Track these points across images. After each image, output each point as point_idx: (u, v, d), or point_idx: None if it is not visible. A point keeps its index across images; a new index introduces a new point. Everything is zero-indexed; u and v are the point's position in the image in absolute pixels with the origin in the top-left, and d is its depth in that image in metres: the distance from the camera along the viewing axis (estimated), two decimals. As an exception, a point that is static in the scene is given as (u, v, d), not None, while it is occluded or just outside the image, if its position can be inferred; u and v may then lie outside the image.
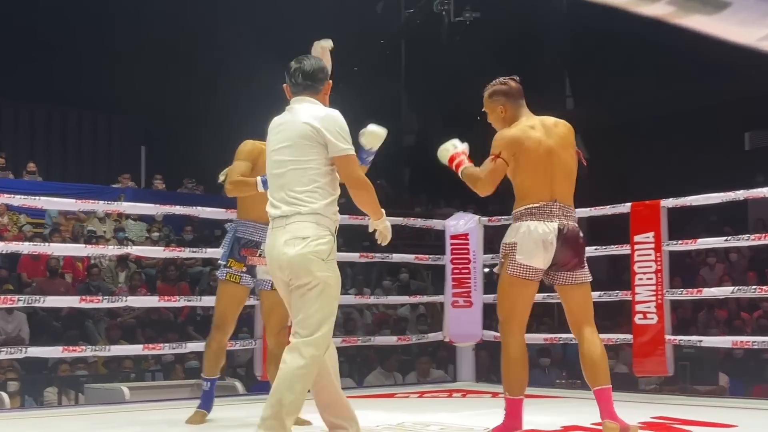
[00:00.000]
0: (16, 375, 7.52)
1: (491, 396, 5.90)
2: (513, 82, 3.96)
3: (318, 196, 3.31)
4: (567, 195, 3.81)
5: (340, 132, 3.36)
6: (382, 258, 7.16)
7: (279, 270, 3.32)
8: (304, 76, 3.49)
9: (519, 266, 3.75)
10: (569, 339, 6.68)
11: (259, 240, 4.27)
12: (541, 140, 3.79)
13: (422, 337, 7.28)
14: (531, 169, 3.77)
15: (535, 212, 3.75)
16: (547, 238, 3.71)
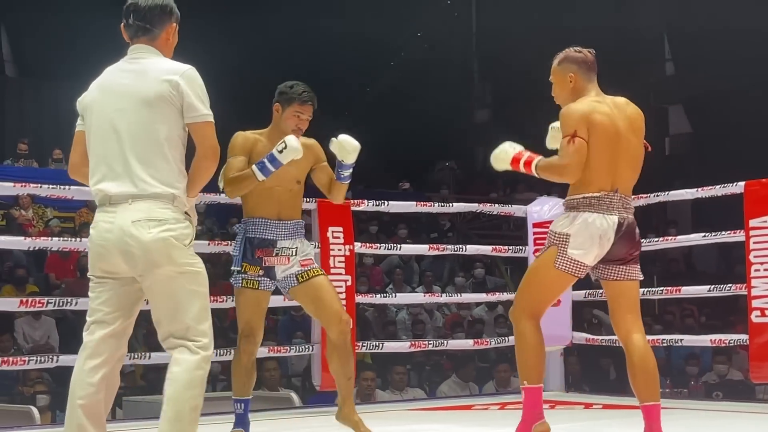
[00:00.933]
0: (46, 387, 7.68)
1: (584, 407, 5.87)
2: (587, 52, 3.99)
3: (174, 173, 3.16)
4: (629, 185, 3.86)
5: (200, 94, 3.18)
6: (455, 251, 7.16)
7: (122, 259, 3.14)
8: (137, 15, 3.27)
9: (570, 261, 3.80)
10: (674, 340, 6.62)
11: (273, 238, 4.35)
12: (611, 121, 3.81)
13: (502, 340, 7.26)
14: (596, 151, 3.78)
15: (594, 203, 3.78)
16: (606, 233, 3.75)
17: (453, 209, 8.31)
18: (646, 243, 6.96)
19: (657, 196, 6.43)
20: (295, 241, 4.38)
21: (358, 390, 7.24)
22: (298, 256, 4.36)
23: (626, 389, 9.10)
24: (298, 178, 4.40)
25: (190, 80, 3.17)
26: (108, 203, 3.17)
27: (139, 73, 3.20)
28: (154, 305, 3.20)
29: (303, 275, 4.33)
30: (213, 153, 3.20)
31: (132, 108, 3.16)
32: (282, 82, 4.38)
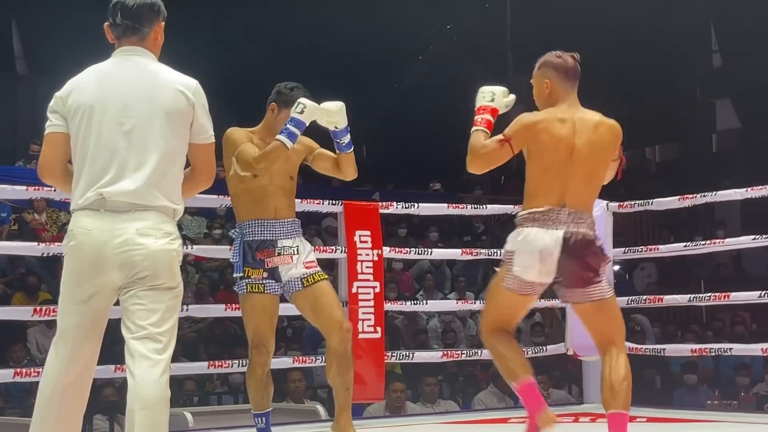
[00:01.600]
0: (61, 399, 7.72)
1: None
2: (569, 57, 4.05)
3: (177, 189, 3.25)
4: (581, 201, 3.88)
5: (208, 113, 3.29)
6: (489, 255, 7.15)
7: (118, 269, 3.14)
8: (125, 13, 3.29)
9: (513, 279, 3.86)
10: (722, 349, 6.58)
11: (272, 237, 4.39)
12: (564, 138, 3.86)
13: (540, 350, 7.24)
14: (541, 166, 3.87)
15: (539, 218, 3.82)
16: (547, 248, 3.78)
17: (487, 211, 8.29)
18: (693, 246, 6.94)
19: (704, 196, 6.38)
20: (295, 239, 4.43)
21: (387, 402, 7.25)
22: (301, 256, 4.40)
23: (673, 401, 9.10)
24: (291, 173, 4.47)
25: (201, 98, 3.26)
26: (104, 208, 3.17)
27: (153, 80, 3.23)
28: (134, 313, 3.21)
29: (308, 279, 4.40)
30: (209, 177, 3.33)
31: (147, 115, 3.18)
32: (308, 77, 4.43)
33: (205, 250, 7.40)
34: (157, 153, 3.16)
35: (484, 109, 4.07)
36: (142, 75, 3.24)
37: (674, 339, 10.37)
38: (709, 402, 8.63)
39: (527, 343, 10.20)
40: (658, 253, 7.30)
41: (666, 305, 7.58)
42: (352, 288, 6.03)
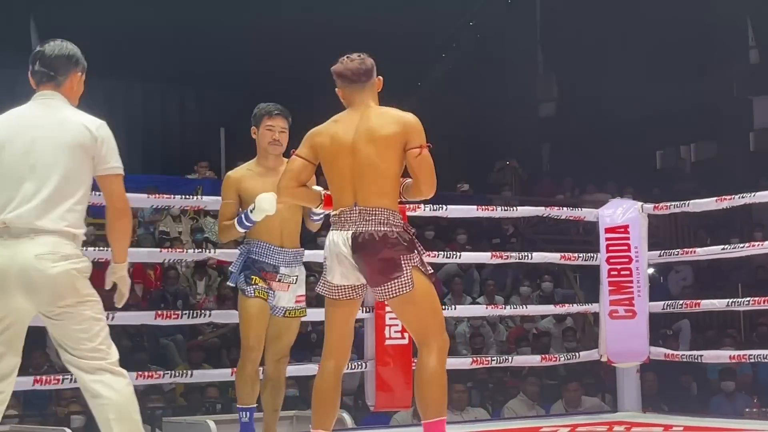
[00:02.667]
0: (82, 407, 7.76)
1: (663, 429, 5.82)
2: (352, 61, 4.14)
3: (79, 217, 3.56)
4: (371, 196, 3.97)
5: (113, 147, 3.64)
6: (519, 258, 7.14)
7: (24, 294, 3.42)
8: (43, 62, 3.66)
9: (323, 283, 4.08)
10: (762, 356, 6.54)
11: (275, 264, 4.89)
12: (339, 137, 4.03)
13: (572, 356, 7.22)
14: (329, 171, 4.09)
15: (335, 221, 4.04)
16: (341, 250, 3.97)
17: (517, 213, 8.27)
18: (731, 249, 6.90)
19: (742, 197, 6.34)
20: (294, 269, 4.93)
21: (415, 410, 7.23)
22: (296, 286, 4.93)
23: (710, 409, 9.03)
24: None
25: (105, 133, 3.62)
26: (7, 235, 3.45)
27: (61, 119, 3.60)
28: (60, 332, 3.53)
29: (290, 313, 4.94)
30: (123, 208, 3.66)
31: (51, 149, 3.52)
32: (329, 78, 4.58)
33: (228, 254, 7.39)
34: (57, 183, 3.49)
35: None
36: (51, 115, 3.61)
37: (712, 345, 10.30)
38: (747, 410, 8.57)
39: (559, 348, 10.18)
40: (694, 256, 7.26)
41: (703, 310, 7.54)
42: (379, 293, 6.04)
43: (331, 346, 4.09)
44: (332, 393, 4.08)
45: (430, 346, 3.97)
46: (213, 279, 10.84)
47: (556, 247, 11.61)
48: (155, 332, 9.48)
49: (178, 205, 10.26)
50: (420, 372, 3.97)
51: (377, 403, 6.10)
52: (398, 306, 4.01)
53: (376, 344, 6.07)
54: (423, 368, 3.95)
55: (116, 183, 3.64)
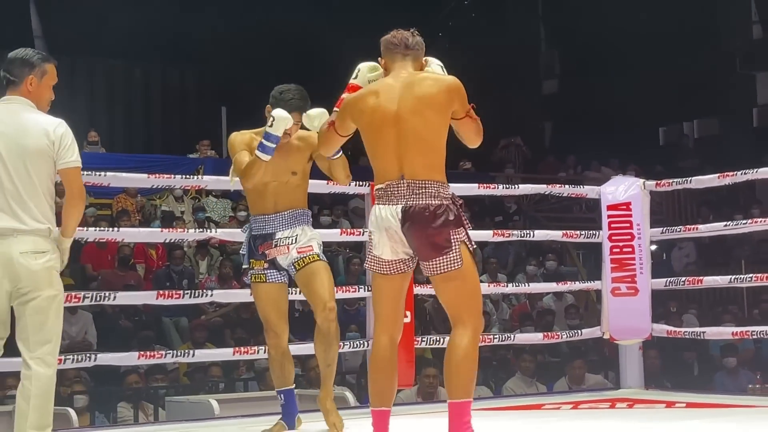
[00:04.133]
0: (84, 387, 7.79)
1: (665, 406, 5.83)
2: (401, 31, 4.12)
3: (48, 211, 3.95)
4: (418, 169, 3.89)
5: (69, 144, 4.01)
6: (521, 236, 7.13)
7: (8, 278, 3.90)
8: (5, 67, 4.02)
9: (372, 258, 3.99)
10: (765, 332, 6.55)
11: (272, 231, 4.82)
12: (379, 107, 3.92)
13: (575, 333, 7.23)
14: (370, 141, 3.98)
15: (381, 195, 3.94)
16: (391, 225, 3.89)
17: (519, 191, 8.28)
18: (734, 225, 6.90)
19: (744, 173, 6.33)
20: (294, 229, 4.82)
21: (419, 388, 7.26)
22: (297, 244, 4.79)
23: (712, 386, 9.04)
24: (293, 169, 4.82)
25: (61, 132, 3.99)
26: None
27: (20, 124, 3.97)
28: (28, 323, 3.95)
29: (299, 262, 4.78)
30: (80, 195, 4.04)
31: (15, 156, 3.93)
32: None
33: (230, 233, 7.41)
34: (29, 186, 3.94)
35: (347, 88, 4.17)
36: (13, 120, 3.98)
37: (714, 321, 10.32)
38: (750, 386, 8.59)
39: (561, 326, 10.19)
40: (697, 232, 7.26)
41: (706, 287, 7.55)
42: (381, 271, 6.04)
43: (384, 320, 3.99)
44: (390, 368, 3.99)
45: (466, 326, 3.90)
46: (215, 258, 10.85)
47: (559, 224, 11.62)
48: (159, 312, 9.51)
49: (180, 185, 10.29)
50: (453, 351, 3.88)
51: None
52: (442, 282, 3.92)
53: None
54: (456, 348, 3.87)
55: (72, 174, 4.01)
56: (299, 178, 4.85)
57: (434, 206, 3.85)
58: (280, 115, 4.60)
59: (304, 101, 4.72)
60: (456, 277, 3.88)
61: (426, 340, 6.42)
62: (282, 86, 4.81)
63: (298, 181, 4.85)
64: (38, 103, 4.07)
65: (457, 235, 3.87)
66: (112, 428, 6.53)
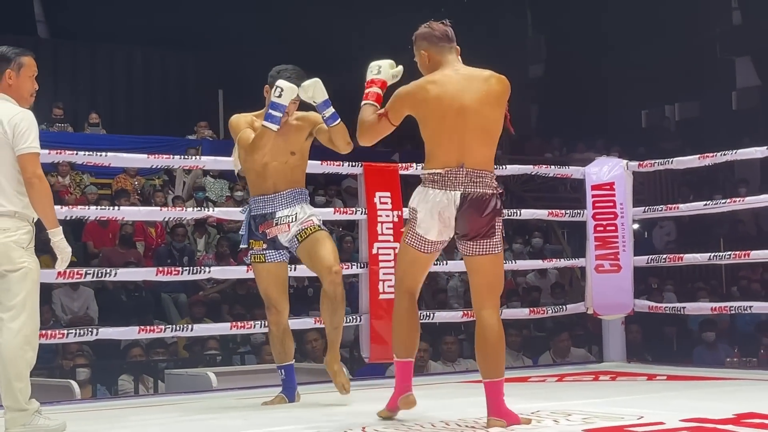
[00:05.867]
0: (87, 360, 7.79)
1: (646, 378, 5.85)
2: (438, 24, 4.16)
3: (11, 195, 4.07)
4: (479, 159, 3.97)
5: (25, 132, 4.05)
6: (509, 215, 7.12)
7: None
8: None
9: (415, 236, 4.04)
10: (742, 307, 6.57)
11: (272, 211, 4.80)
12: (447, 97, 3.96)
13: (560, 309, 7.24)
14: (434, 129, 4.00)
15: (437, 179, 3.96)
16: (447, 209, 3.94)
17: (506, 171, 8.26)
18: (713, 205, 6.91)
19: (724, 155, 6.34)
20: (294, 208, 4.81)
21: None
22: (297, 222, 4.77)
23: (692, 359, 9.06)
24: (292, 149, 4.82)
25: (17, 122, 4.06)
26: None
27: None
28: None
29: (302, 234, 4.75)
30: (36, 180, 4.07)
31: None
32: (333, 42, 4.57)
33: (227, 212, 7.41)
34: None
35: (373, 83, 4.20)
36: None
37: (691, 296, 10.35)
38: (728, 359, 8.62)
39: (547, 301, 10.20)
40: (678, 212, 7.27)
41: (686, 264, 7.57)
42: (373, 249, 6.06)
43: (408, 285, 4.12)
44: (413, 321, 4.14)
45: (494, 307, 3.99)
46: (212, 237, 10.84)
47: (545, 204, 11.60)
48: (159, 288, 9.50)
49: (178, 165, 10.27)
50: (486, 332, 3.94)
51: (372, 355, 6.13)
52: (479, 262, 3.97)
53: (371, 299, 6.08)
54: (489, 329, 3.94)
55: (25, 160, 4.06)
56: (298, 158, 4.85)
57: (488, 195, 3.95)
58: (287, 85, 4.61)
59: (301, 79, 4.71)
60: (492, 261, 3.99)
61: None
62: (279, 66, 4.81)
63: (297, 161, 4.85)
64: (19, 95, 4.17)
65: (499, 223, 3.99)
66: (114, 400, 6.53)
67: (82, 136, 12.64)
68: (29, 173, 4.06)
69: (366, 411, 4.49)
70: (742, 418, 4.04)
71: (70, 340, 5.69)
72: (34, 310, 4.10)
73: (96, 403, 5.77)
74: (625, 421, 4.01)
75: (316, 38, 14.56)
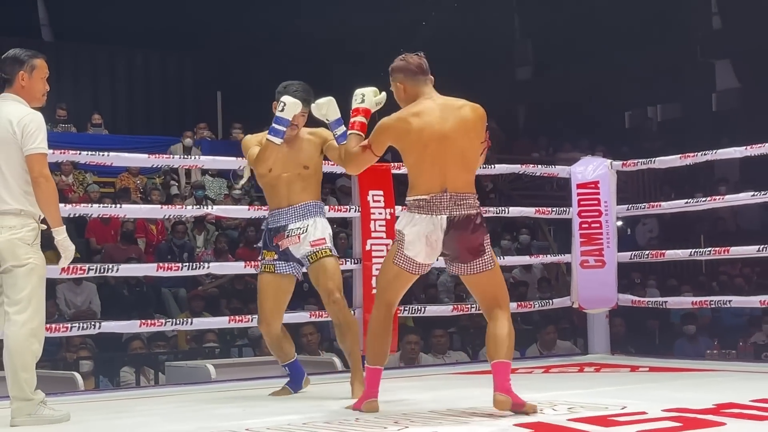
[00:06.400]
0: (90, 353, 7.78)
1: (630, 370, 5.86)
2: (413, 57, 4.20)
3: (18, 194, 4.08)
4: (461, 184, 4.04)
5: (33, 132, 4.07)
6: (497, 213, 7.15)
7: None
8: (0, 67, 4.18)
9: (405, 258, 4.06)
10: (722, 301, 6.59)
11: (285, 224, 4.82)
12: (426, 126, 4.01)
13: (546, 303, 7.25)
14: (416, 158, 4.05)
15: (423, 205, 4.00)
16: (433, 232, 3.98)
17: (495, 171, 8.27)
18: (694, 202, 6.92)
19: (704, 155, 6.35)
20: (306, 221, 4.82)
21: (402, 354, 7.28)
22: (308, 235, 4.79)
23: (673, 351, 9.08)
24: (305, 163, 4.83)
25: (26, 122, 4.07)
26: None
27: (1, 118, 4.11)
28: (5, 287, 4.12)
29: (312, 256, 4.80)
30: (43, 179, 4.09)
31: None
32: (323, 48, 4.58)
33: (225, 210, 7.42)
34: (4, 171, 4.09)
35: (356, 112, 4.24)
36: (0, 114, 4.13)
37: (673, 291, 10.37)
38: (708, 352, 8.64)
39: (534, 296, 10.21)
40: (660, 209, 7.29)
41: (667, 259, 7.58)
42: (366, 245, 6.06)
43: (388, 298, 4.14)
44: (387, 332, 4.18)
45: (504, 310, 4.08)
46: (211, 233, 10.84)
47: (532, 202, 11.62)
48: (159, 283, 9.50)
49: (178, 164, 10.27)
50: (499, 330, 4.02)
51: (365, 347, 6.11)
52: (477, 279, 4.06)
53: (364, 293, 6.08)
54: (501, 328, 4.02)
55: (32, 160, 4.07)
56: (311, 171, 4.87)
57: (473, 215, 4.01)
58: (289, 100, 4.62)
59: (307, 94, 4.75)
60: (489, 275, 4.06)
61: (408, 310, 6.43)
62: (286, 82, 4.83)
63: (311, 174, 4.87)
64: (32, 96, 4.19)
65: (486, 239, 4.05)
66: (116, 391, 6.53)
67: (85, 136, 12.63)
68: (36, 173, 4.07)
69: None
70: (721, 408, 4.05)
71: (73, 333, 5.67)
72: (40, 305, 4.11)
73: (99, 395, 5.76)
74: (609, 411, 4.02)
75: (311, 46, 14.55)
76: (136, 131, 14.48)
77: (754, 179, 10.57)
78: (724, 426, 3.62)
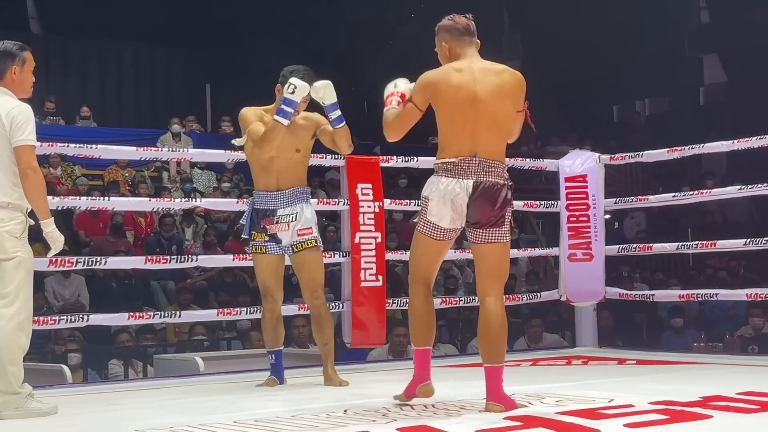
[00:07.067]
0: (78, 346, 7.76)
1: (617, 363, 5.87)
2: (461, 18, 4.14)
3: (6, 186, 4.07)
4: (491, 149, 3.94)
5: (22, 125, 4.07)
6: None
7: None
8: None
9: (428, 224, 3.99)
10: (709, 295, 6.60)
11: (273, 208, 4.86)
12: (463, 86, 3.94)
13: (534, 296, 7.26)
14: (448, 117, 3.96)
15: (450, 168, 3.92)
16: (458, 197, 3.90)
17: (484, 164, 8.25)
18: (681, 196, 6.94)
19: (692, 148, 6.36)
20: (294, 207, 4.86)
21: (390, 346, 7.28)
22: (296, 223, 4.83)
23: (660, 344, 9.10)
24: (297, 146, 4.86)
25: (15, 115, 4.07)
26: None
27: None
28: None
29: (297, 246, 4.84)
30: (31, 171, 4.08)
31: None
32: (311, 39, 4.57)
33: (214, 203, 7.40)
34: None
35: (393, 94, 4.14)
36: None
37: (660, 284, 10.39)
38: (695, 344, 8.66)
39: (522, 290, 10.23)
40: (647, 203, 7.30)
41: (655, 253, 7.60)
42: (355, 238, 6.05)
43: (423, 274, 4.06)
44: (429, 312, 4.09)
45: (498, 295, 3.97)
46: (200, 226, 10.82)
47: (521, 195, 11.59)
48: (148, 276, 9.48)
49: (166, 157, 10.24)
50: (490, 319, 3.91)
51: (353, 340, 6.12)
52: (487, 249, 3.96)
53: (352, 286, 6.08)
54: (494, 315, 3.90)
55: (21, 152, 4.07)
56: (302, 155, 4.89)
57: (500, 185, 3.93)
58: (299, 83, 4.64)
59: (311, 79, 4.75)
60: (500, 249, 3.97)
61: (396, 302, 6.43)
62: (291, 66, 4.83)
63: (301, 158, 4.90)
64: (21, 88, 4.21)
65: (509, 214, 3.98)
66: (104, 384, 6.50)
67: (73, 129, 12.58)
68: (24, 165, 4.07)
69: (347, 394, 4.50)
70: (708, 400, 4.06)
71: (61, 326, 5.65)
72: (28, 298, 4.11)
73: (87, 387, 5.74)
74: (597, 403, 4.03)
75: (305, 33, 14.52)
76: (124, 124, 14.44)
77: (741, 173, 10.58)
78: (710, 418, 3.63)
